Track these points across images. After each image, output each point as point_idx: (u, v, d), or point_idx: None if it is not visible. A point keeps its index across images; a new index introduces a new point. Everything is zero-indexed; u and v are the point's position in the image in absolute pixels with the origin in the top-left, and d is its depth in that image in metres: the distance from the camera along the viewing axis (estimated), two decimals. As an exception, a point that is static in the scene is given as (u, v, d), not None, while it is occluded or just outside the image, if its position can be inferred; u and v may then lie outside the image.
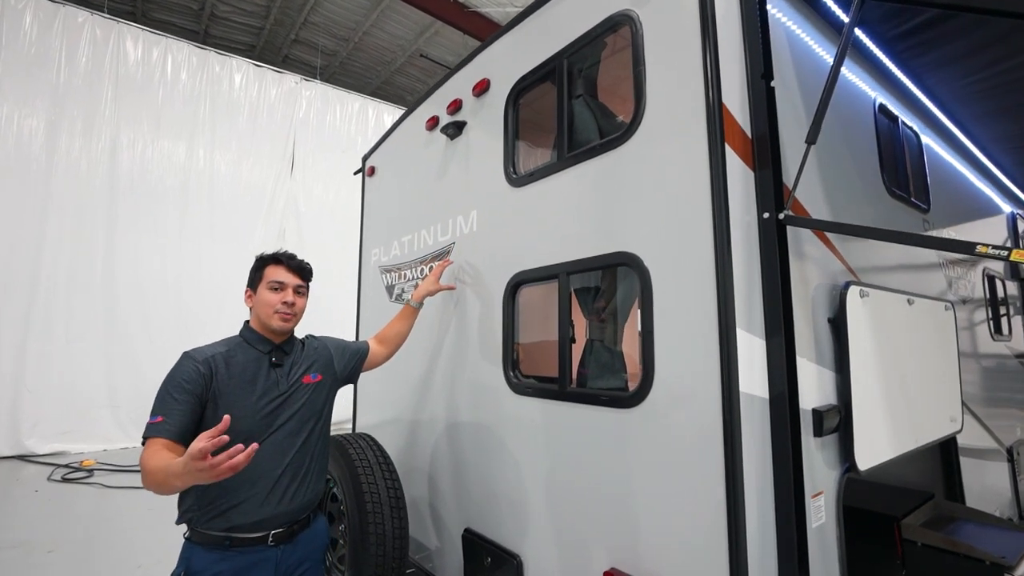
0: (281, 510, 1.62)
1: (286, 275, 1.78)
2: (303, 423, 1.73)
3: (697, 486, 1.48)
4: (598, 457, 1.77)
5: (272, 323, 1.73)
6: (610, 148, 1.84)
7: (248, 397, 1.63)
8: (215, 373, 1.61)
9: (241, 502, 1.56)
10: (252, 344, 1.74)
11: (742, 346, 1.44)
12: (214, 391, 1.59)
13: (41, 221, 6.68)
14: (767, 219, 1.54)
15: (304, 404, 1.75)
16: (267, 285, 1.75)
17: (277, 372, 1.73)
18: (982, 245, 1.15)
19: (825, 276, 1.83)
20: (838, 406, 1.71)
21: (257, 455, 1.51)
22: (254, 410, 1.63)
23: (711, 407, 1.45)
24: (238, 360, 1.68)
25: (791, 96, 1.78)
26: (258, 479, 1.59)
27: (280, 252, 1.84)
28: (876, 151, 2.34)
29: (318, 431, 1.80)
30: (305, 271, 1.84)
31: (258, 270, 1.80)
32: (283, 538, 1.63)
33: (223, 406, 1.58)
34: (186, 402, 1.54)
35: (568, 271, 1.96)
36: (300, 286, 1.81)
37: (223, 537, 1.55)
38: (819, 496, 1.60)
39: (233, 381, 1.63)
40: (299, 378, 1.77)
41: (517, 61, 2.29)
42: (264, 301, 1.73)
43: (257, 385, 1.67)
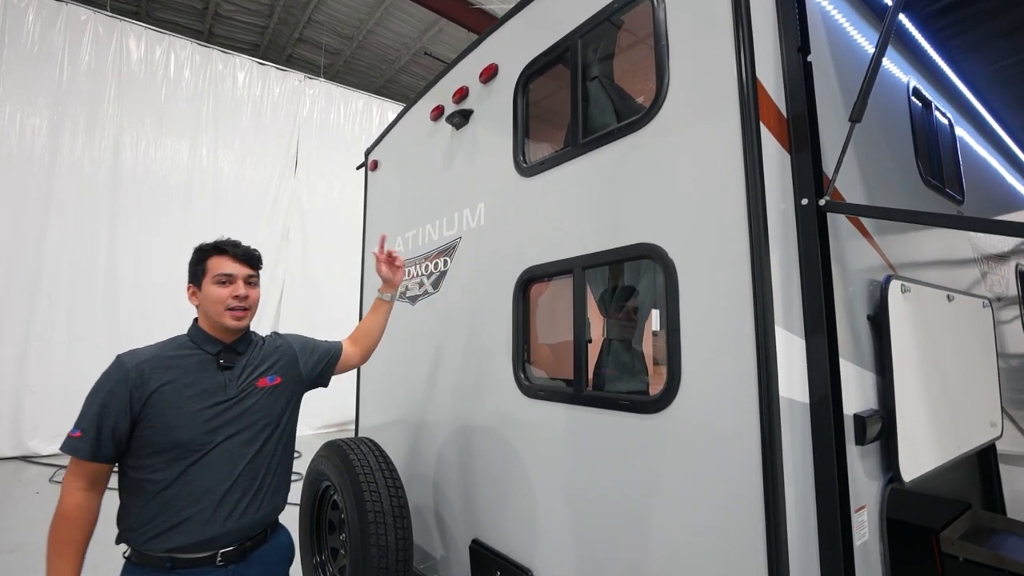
0: (230, 527, 1.44)
1: (233, 266, 1.55)
2: (257, 432, 1.54)
3: (732, 499, 1.34)
4: (618, 466, 1.63)
5: (225, 321, 1.52)
6: (629, 132, 1.70)
7: (188, 405, 1.43)
8: (146, 380, 1.41)
9: (183, 520, 1.38)
10: (199, 345, 1.53)
11: (781, 346, 1.30)
12: (145, 400, 1.40)
13: (43, 220, 6.62)
14: (806, 206, 1.40)
15: (258, 410, 1.55)
16: (213, 279, 1.53)
17: (226, 375, 1.53)
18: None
19: (863, 270, 1.68)
20: (880, 411, 1.57)
21: (201, 468, 1.40)
22: (195, 419, 1.43)
23: (747, 413, 1.31)
24: (179, 363, 1.48)
25: (826, 74, 1.63)
26: (203, 495, 1.41)
27: (223, 240, 1.60)
28: (911, 137, 2.19)
29: (276, 440, 1.60)
30: (254, 259, 1.62)
31: (199, 263, 1.57)
32: (234, 557, 1.45)
33: (157, 415, 1.40)
34: (111, 415, 1.37)
35: (584, 265, 1.82)
36: (251, 276, 1.59)
37: (164, 559, 1.37)
38: (862, 511, 1.46)
39: (170, 387, 1.43)
40: (253, 381, 1.57)
41: (527, 44, 2.15)
42: (212, 298, 1.52)
43: (199, 390, 1.47)
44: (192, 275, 1.59)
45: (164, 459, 1.40)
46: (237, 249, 1.58)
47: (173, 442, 1.40)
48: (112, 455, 1.38)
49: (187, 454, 1.41)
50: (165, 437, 1.39)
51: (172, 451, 1.40)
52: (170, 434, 1.39)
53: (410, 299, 2.86)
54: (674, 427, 1.48)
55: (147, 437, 1.39)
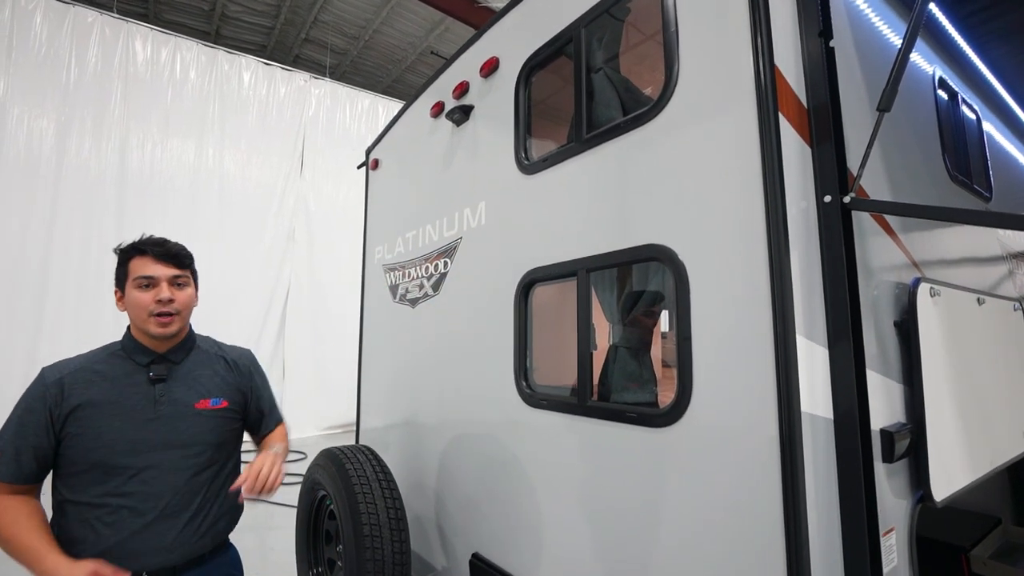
0: (159, 560, 1.31)
1: (155, 267, 1.38)
2: (191, 458, 1.39)
3: (748, 523, 1.23)
4: (625, 483, 1.53)
5: (149, 328, 1.37)
6: (636, 125, 1.60)
7: (111, 421, 1.31)
8: (67, 395, 1.30)
9: (104, 552, 1.25)
10: (129, 355, 1.39)
11: (802, 356, 1.19)
12: (66, 417, 1.29)
13: (51, 221, 6.62)
14: (829, 203, 1.29)
15: (195, 433, 1.40)
16: (133, 283, 1.37)
17: (157, 389, 1.38)
18: None
19: (889, 272, 1.56)
20: (909, 425, 1.45)
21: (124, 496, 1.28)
22: (117, 437, 1.30)
23: (765, 429, 1.20)
24: (106, 374, 1.36)
25: (849, 60, 1.51)
26: (126, 523, 1.28)
27: (145, 239, 1.42)
28: (937, 130, 2.06)
29: (216, 463, 1.44)
30: (180, 257, 1.44)
31: (122, 265, 1.40)
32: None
33: (78, 433, 1.29)
34: (29, 432, 1.27)
35: (588, 267, 1.72)
36: (177, 276, 1.42)
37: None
38: (890, 533, 1.34)
39: (93, 401, 1.31)
40: (192, 400, 1.42)
41: (529, 35, 2.05)
42: (134, 303, 1.36)
43: (124, 406, 1.33)
44: (117, 279, 1.42)
45: (84, 481, 1.28)
46: (159, 248, 1.40)
47: (93, 461, 1.28)
48: (34, 474, 1.28)
49: (109, 476, 1.29)
50: (85, 457, 1.28)
51: (91, 473, 1.28)
52: (89, 454, 1.28)
53: (410, 302, 2.78)
54: (685, 442, 1.37)
55: (68, 456, 1.29)
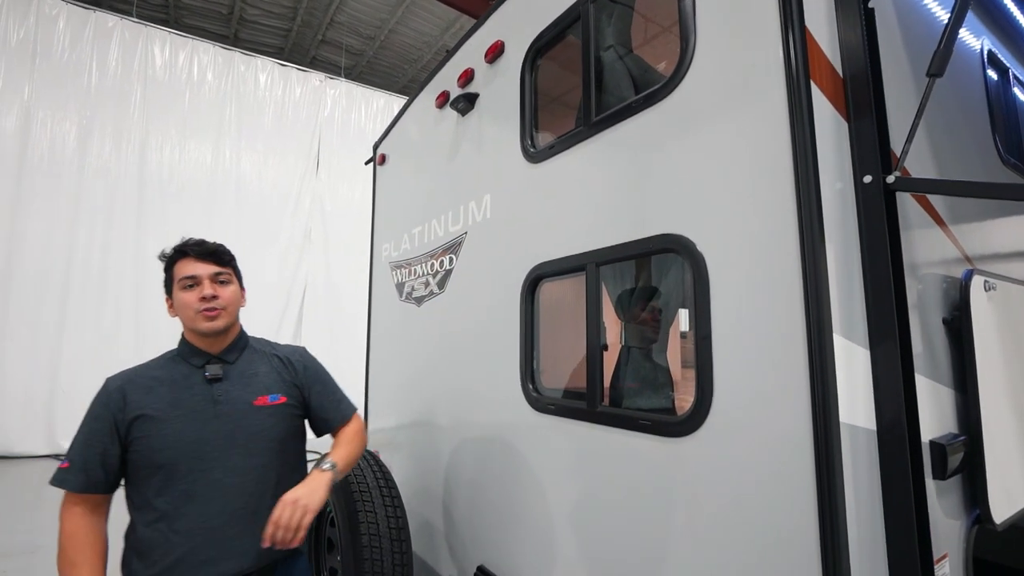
0: (230, 568, 1.31)
1: (196, 266, 1.42)
2: (256, 457, 1.38)
3: (777, 548, 1.08)
4: (637, 496, 1.39)
5: (198, 325, 1.39)
6: (649, 105, 1.46)
7: (172, 424, 1.32)
8: (129, 401, 1.31)
9: (180, 558, 1.27)
10: (185, 359, 1.43)
11: (840, 358, 1.04)
12: (130, 423, 1.31)
13: (73, 223, 6.75)
14: (869, 184, 1.13)
15: (256, 432, 1.40)
16: (179, 285, 1.41)
17: (215, 389, 1.39)
18: None
19: (937, 264, 1.40)
20: (963, 437, 1.28)
21: (191, 502, 1.27)
22: (179, 439, 1.32)
23: (796, 441, 1.05)
24: (164, 379, 1.38)
25: (889, 23, 1.35)
26: (195, 529, 1.29)
27: (185, 241, 1.47)
28: (986, 108, 1.86)
29: (279, 463, 1.43)
30: (220, 255, 1.47)
31: (167, 271, 1.46)
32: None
33: (143, 438, 1.30)
34: (98, 442, 1.29)
35: (598, 261, 1.58)
36: (219, 273, 1.44)
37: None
38: (943, 560, 1.18)
39: (155, 406, 1.33)
40: (249, 397, 1.42)
41: (535, 15, 1.93)
42: (181, 304, 1.40)
43: (184, 409, 1.35)
44: (165, 286, 1.48)
45: (154, 487, 1.30)
46: (198, 247, 1.45)
47: (158, 465, 1.30)
48: (105, 484, 1.31)
49: (175, 480, 1.30)
50: (150, 460, 1.31)
51: (157, 476, 1.30)
52: (154, 457, 1.30)
53: (416, 300, 2.67)
54: (704, 455, 1.23)
55: (134, 461, 1.32)
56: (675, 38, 1.42)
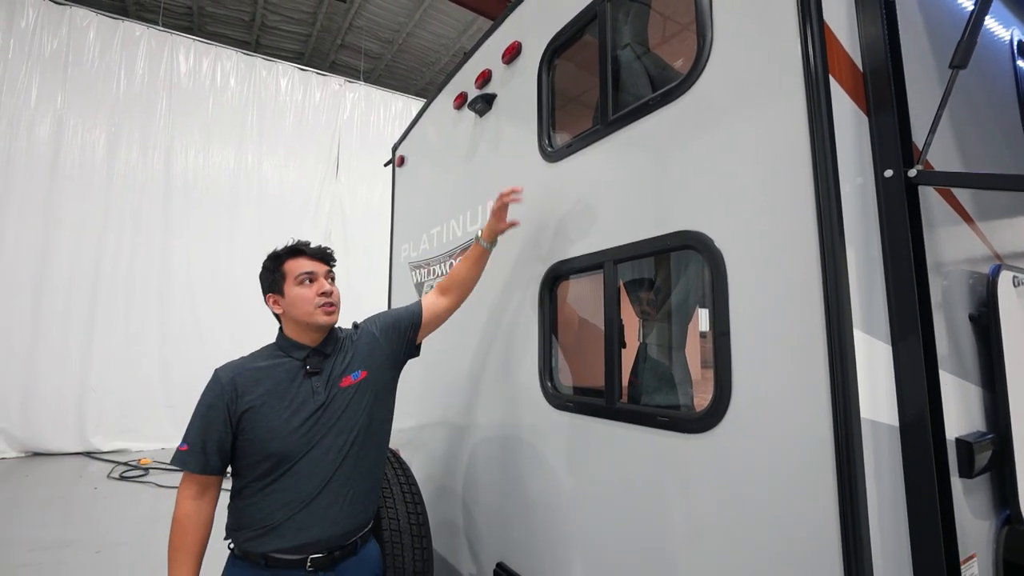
0: (322, 535, 1.43)
1: (312, 264, 1.53)
2: (346, 435, 1.50)
3: (797, 546, 1.08)
4: (657, 493, 1.39)
5: (318, 319, 1.51)
6: (666, 102, 1.46)
7: (279, 415, 1.44)
8: (240, 393, 1.43)
9: (276, 526, 1.41)
10: (287, 353, 1.53)
11: (861, 354, 1.03)
12: (242, 412, 1.42)
13: (103, 228, 6.97)
14: (891, 178, 1.12)
15: (346, 413, 1.52)
16: (296, 280, 1.51)
17: (314, 381, 1.51)
18: None
19: (962, 259, 1.37)
20: (991, 435, 1.26)
21: (292, 476, 1.43)
22: (287, 429, 1.43)
23: (817, 438, 1.04)
24: (269, 374, 1.49)
25: (910, 14, 1.33)
26: (293, 502, 1.42)
27: (296, 243, 1.59)
28: (1016, 100, 1.82)
29: (364, 441, 1.55)
30: (330, 256, 1.61)
31: (275, 270, 1.55)
32: (322, 564, 1.44)
33: (254, 428, 1.43)
34: (213, 428, 1.42)
35: (616, 259, 1.59)
36: (329, 272, 1.59)
37: (260, 556, 1.42)
38: (971, 561, 1.16)
39: (262, 398, 1.45)
40: (337, 383, 1.53)
41: (552, 15, 1.94)
42: (300, 298, 1.50)
43: (289, 400, 1.47)
44: (270, 284, 1.56)
45: (262, 468, 1.43)
46: (312, 248, 1.57)
47: (267, 453, 1.42)
48: (219, 466, 1.44)
49: (283, 463, 1.43)
50: (260, 449, 1.43)
51: (267, 461, 1.43)
52: (264, 446, 1.42)
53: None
54: (723, 451, 1.23)
55: (244, 448, 1.44)
56: (692, 35, 1.42)
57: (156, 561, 3.78)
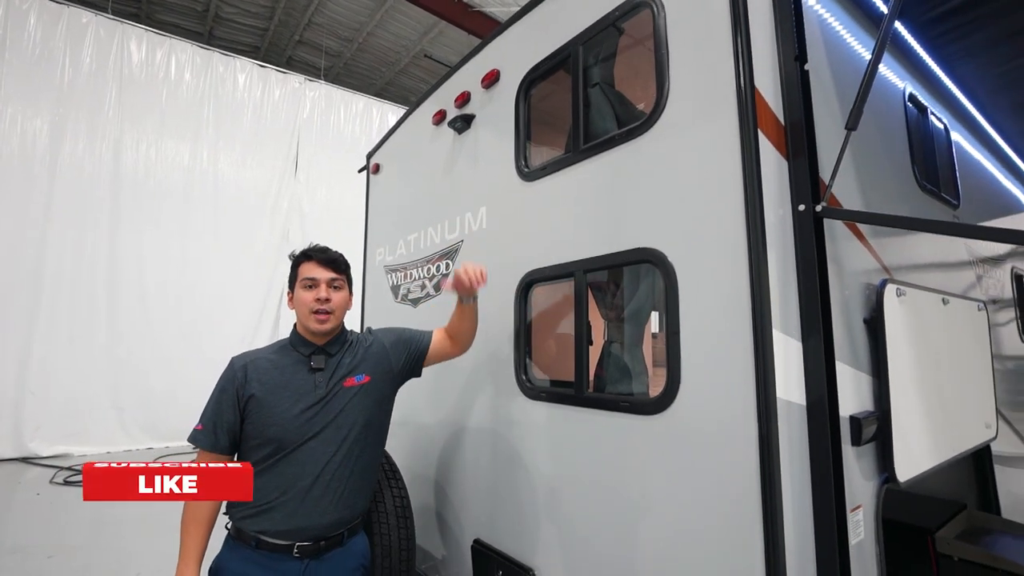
0: (310, 523, 1.53)
1: (317, 270, 1.66)
2: (343, 432, 1.61)
3: (730, 500, 1.37)
4: (618, 466, 1.66)
5: (309, 324, 1.64)
6: (630, 138, 1.73)
7: (282, 404, 1.57)
8: (249, 379, 1.57)
9: (270, 508, 1.52)
10: (295, 347, 1.67)
11: (778, 349, 1.33)
12: (249, 398, 1.56)
13: (45, 221, 6.63)
14: (803, 211, 1.43)
15: (345, 411, 1.63)
16: (301, 284, 1.66)
17: (316, 377, 1.63)
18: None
19: (859, 274, 1.71)
20: (876, 413, 1.60)
21: (288, 462, 1.53)
22: (287, 418, 1.55)
23: (745, 414, 1.34)
24: (277, 364, 1.62)
25: (823, 82, 1.66)
26: (288, 487, 1.53)
27: (311, 247, 1.73)
28: (907, 142, 2.22)
29: (362, 441, 1.65)
30: (338, 263, 1.72)
31: (293, 269, 1.71)
32: (309, 552, 1.54)
33: (257, 413, 1.55)
34: (224, 411, 1.55)
35: (585, 269, 1.85)
36: (335, 279, 1.69)
37: (252, 536, 1.53)
38: (857, 510, 1.49)
39: (268, 387, 1.57)
40: (340, 381, 1.65)
41: (529, 50, 2.18)
42: (299, 301, 1.66)
43: (292, 391, 1.59)
44: (290, 281, 1.73)
45: (262, 452, 1.55)
46: (322, 255, 1.70)
47: (268, 437, 1.55)
48: (228, 446, 1.56)
49: (280, 449, 1.55)
50: (262, 432, 1.55)
51: (267, 445, 1.55)
52: (266, 430, 1.55)
53: (412, 302, 2.89)
54: (674, 428, 1.51)
55: (248, 431, 1.57)
56: (653, 83, 1.70)
57: (113, 565, 3.73)
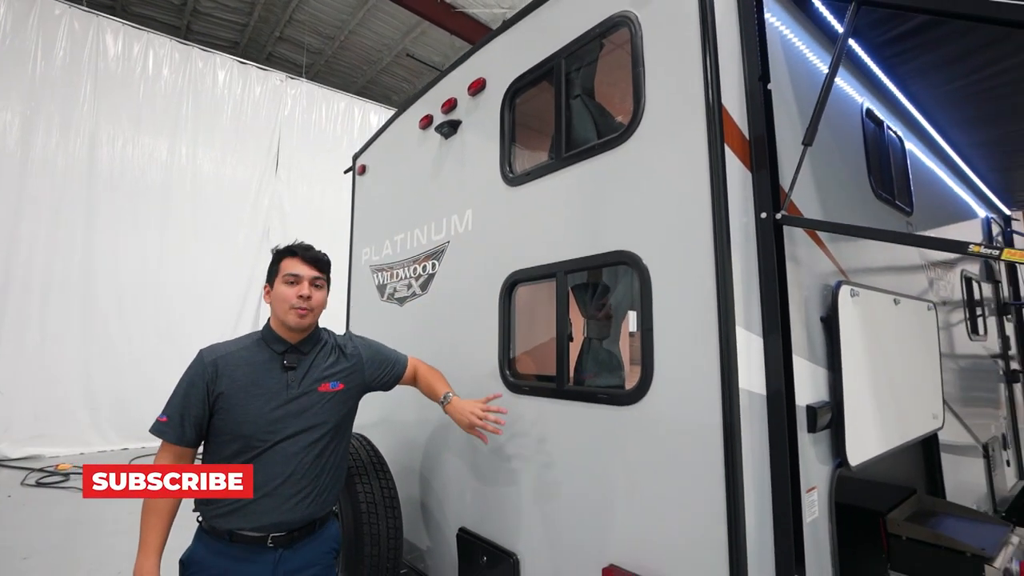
0: (282, 519, 1.58)
1: (301, 267, 1.69)
2: (314, 434, 1.65)
3: (697, 481, 1.50)
4: (596, 454, 1.78)
5: (288, 319, 1.65)
6: (609, 148, 1.85)
7: (254, 401, 1.58)
8: (220, 375, 1.58)
9: (242, 507, 1.54)
10: (268, 343, 1.68)
11: (741, 344, 1.46)
12: (219, 393, 1.56)
13: (15, 217, 6.48)
14: (764, 219, 1.57)
15: (317, 414, 1.66)
16: (282, 279, 1.67)
17: (289, 375, 1.65)
18: (975, 244, 1.19)
19: (817, 276, 1.87)
20: (831, 403, 1.75)
21: (260, 462, 1.56)
22: (257, 415, 1.57)
23: (711, 403, 1.47)
24: (250, 360, 1.63)
25: (785, 99, 1.81)
26: (260, 485, 1.55)
27: (295, 244, 1.75)
28: (863, 154, 2.39)
29: (332, 443, 1.71)
30: (321, 262, 1.75)
31: (274, 264, 1.72)
32: (282, 542, 1.59)
33: (227, 409, 1.57)
34: (192, 404, 1.55)
35: (566, 270, 1.97)
36: (317, 278, 1.71)
37: (225, 531, 1.55)
38: (812, 491, 1.63)
39: (239, 383, 1.58)
40: (315, 385, 1.68)
41: (514, 60, 2.29)
42: (279, 296, 1.66)
43: (264, 388, 1.60)
44: (268, 275, 1.74)
45: (231, 448, 1.57)
46: (307, 252, 1.72)
47: (237, 434, 1.57)
48: (194, 439, 1.57)
49: (250, 447, 1.57)
50: (231, 429, 1.57)
51: (236, 442, 1.57)
52: (236, 427, 1.56)
53: (398, 300, 2.97)
54: (647, 417, 1.63)
55: (217, 427, 1.58)
56: (630, 96, 1.83)
57: (91, 565, 3.71)
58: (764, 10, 1.71)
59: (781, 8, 1.92)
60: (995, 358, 4.15)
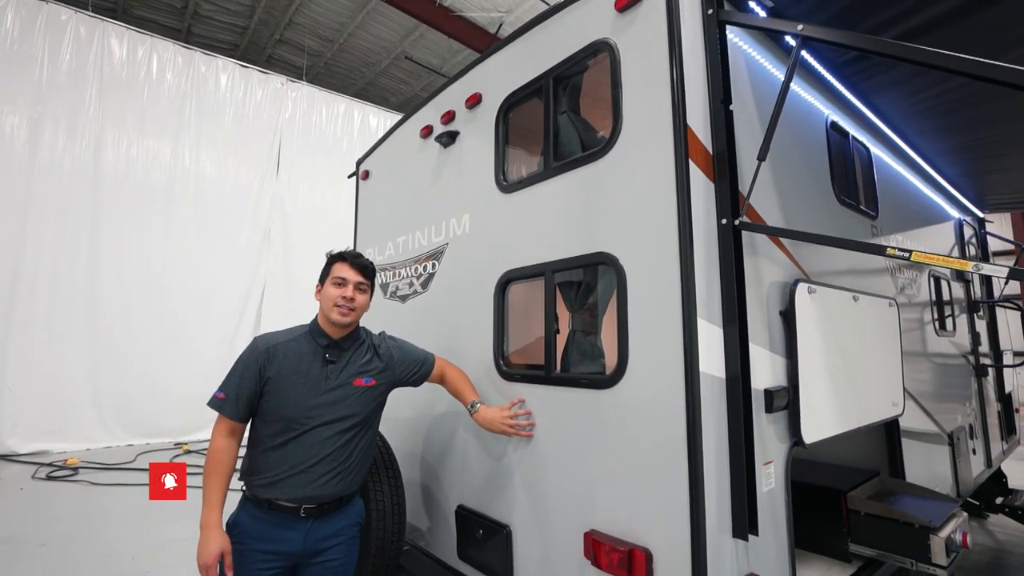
0: (313, 493, 1.78)
1: (349, 272, 1.91)
2: (346, 423, 1.85)
3: (664, 453, 1.71)
4: (579, 432, 2.00)
5: (332, 316, 1.86)
6: (591, 160, 2.07)
7: (296, 388, 1.79)
8: (272, 360, 1.80)
9: (280, 480, 1.76)
10: (314, 337, 1.90)
11: (702, 333, 1.68)
12: (269, 377, 1.78)
13: (22, 219, 6.66)
14: (724, 225, 1.79)
15: (350, 405, 1.87)
16: (332, 280, 1.90)
17: (329, 368, 1.86)
18: (891, 248, 1.40)
19: (779, 275, 2.08)
20: (787, 387, 1.97)
21: (297, 443, 1.78)
22: (299, 401, 1.78)
23: (676, 385, 1.68)
24: (297, 351, 1.84)
25: (749, 115, 2.03)
26: (296, 464, 1.77)
27: (346, 251, 1.99)
28: (827, 163, 2.61)
29: (361, 433, 1.91)
30: (367, 269, 1.96)
31: (327, 267, 1.95)
32: (313, 513, 1.80)
33: (274, 392, 1.78)
34: (245, 384, 1.78)
35: (553, 269, 2.18)
36: (361, 283, 1.93)
37: (265, 500, 1.77)
38: (769, 464, 1.85)
39: (286, 370, 1.80)
40: (351, 379, 1.89)
41: (508, 78, 2.50)
42: (327, 295, 1.89)
43: (306, 377, 1.81)
44: (321, 276, 1.98)
45: (274, 428, 1.79)
46: (356, 260, 1.96)
47: (280, 416, 1.78)
48: (245, 415, 1.80)
49: (290, 428, 1.78)
50: (276, 410, 1.78)
51: (279, 423, 1.78)
52: (279, 410, 1.78)
53: (400, 298, 3.18)
54: (622, 398, 1.85)
55: (264, 407, 1.80)
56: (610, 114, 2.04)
57: (107, 551, 3.90)
58: (729, 34, 1.93)
59: (746, 32, 2.14)
60: (965, 355, 4.38)
